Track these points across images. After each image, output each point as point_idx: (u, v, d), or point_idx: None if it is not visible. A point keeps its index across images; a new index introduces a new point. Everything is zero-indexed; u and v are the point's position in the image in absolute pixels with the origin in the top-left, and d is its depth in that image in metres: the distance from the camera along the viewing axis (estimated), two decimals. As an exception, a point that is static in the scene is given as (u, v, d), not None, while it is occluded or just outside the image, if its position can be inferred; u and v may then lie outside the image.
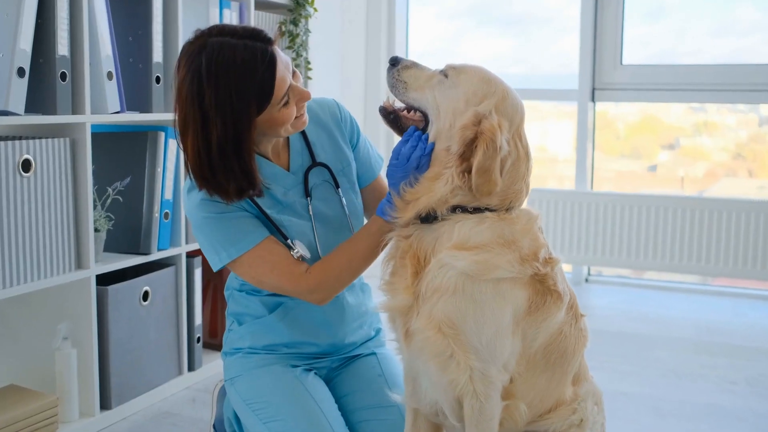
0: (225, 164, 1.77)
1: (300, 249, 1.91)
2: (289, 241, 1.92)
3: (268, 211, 1.94)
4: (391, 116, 1.83)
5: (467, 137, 1.66)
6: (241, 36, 1.77)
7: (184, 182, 1.94)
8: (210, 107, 1.74)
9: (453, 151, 1.68)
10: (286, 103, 1.83)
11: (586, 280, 5.01)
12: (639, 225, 4.64)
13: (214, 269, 1.92)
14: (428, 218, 1.71)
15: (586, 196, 4.74)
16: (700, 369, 3.48)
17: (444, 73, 1.76)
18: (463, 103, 1.71)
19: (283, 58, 1.82)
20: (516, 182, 1.71)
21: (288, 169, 2.00)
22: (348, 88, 4.84)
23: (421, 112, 1.78)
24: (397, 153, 1.76)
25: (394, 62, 1.82)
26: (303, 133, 2.04)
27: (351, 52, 4.90)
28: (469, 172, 1.66)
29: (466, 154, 1.66)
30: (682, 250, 4.57)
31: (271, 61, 1.77)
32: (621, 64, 4.72)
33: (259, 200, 1.93)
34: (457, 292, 1.64)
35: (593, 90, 4.75)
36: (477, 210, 1.70)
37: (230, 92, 1.73)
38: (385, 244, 1.85)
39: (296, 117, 1.88)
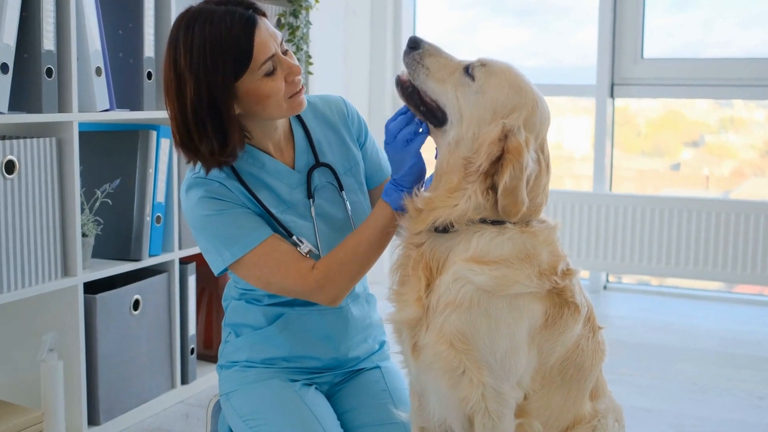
0: (199, 126, 1.82)
1: (308, 245, 1.91)
2: (294, 237, 1.92)
3: (271, 210, 1.94)
4: (408, 89, 1.77)
5: (494, 154, 1.64)
6: (226, 3, 1.84)
7: (183, 182, 1.94)
8: (184, 69, 1.80)
9: (476, 165, 1.66)
10: (271, 74, 1.84)
11: (605, 288, 5.01)
12: (660, 229, 4.63)
13: (217, 272, 1.92)
14: (444, 229, 1.71)
15: (605, 198, 4.73)
16: (726, 383, 3.47)
17: (470, 70, 1.71)
18: (490, 113, 1.68)
19: (270, 27, 1.85)
20: (537, 196, 1.71)
21: (293, 167, 2.01)
22: (351, 83, 4.85)
23: (438, 104, 1.74)
24: (386, 128, 1.80)
25: (415, 45, 1.75)
26: (307, 132, 2.05)
27: (355, 45, 4.90)
28: (492, 188, 1.66)
29: (490, 171, 1.65)
30: (707, 255, 4.56)
31: (249, 23, 1.80)
32: (642, 57, 4.71)
33: (262, 198, 1.94)
34: (472, 307, 1.64)
35: (612, 85, 4.75)
36: (496, 222, 1.69)
37: (204, 53, 1.78)
38: (391, 231, 1.85)
39: (291, 97, 1.88)
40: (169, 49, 1.84)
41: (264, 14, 1.87)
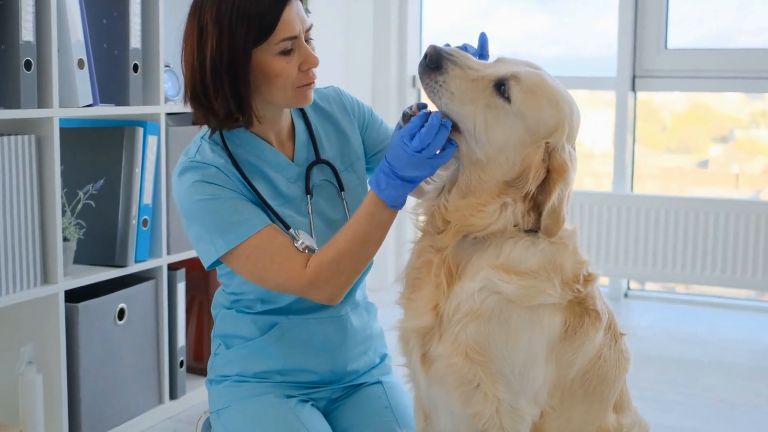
0: (216, 84, 1.89)
1: (305, 239, 1.92)
2: (291, 230, 1.94)
3: (269, 202, 1.96)
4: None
5: (541, 177, 1.67)
6: None
7: (175, 166, 1.97)
8: (208, 21, 1.88)
9: (522, 190, 1.68)
10: (286, 54, 1.90)
11: (626, 296, 5.00)
12: (686, 232, 4.63)
13: (208, 264, 1.93)
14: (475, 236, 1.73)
15: (626, 199, 4.73)
16: (756, 399, 3.47)
17: (503, 88, 1.67)
18: (529, 136, 1.68)
19: (301, 12, 1.94)
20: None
21: (293, 160, 2.04)
22: (353, 75, 4.85)
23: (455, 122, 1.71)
24: (411, 136, 1.70)
25: (437, 64, 1.67)
26: (309, 126, 2.08)
27: (357, 34, 4.91)
28: (534, 207, 1.69)
29: (534, 193, 1.68)
30: (736, 260, 4.55)
31: None
32: (665, 48, 4.71)
33: (260, 189, 1.96)
34: (492, 318, 1.66)
35: (633, 78, 4.75)
36: (528, 230, 1.71)
37: (231, 11, 1.87)
38: (389, 226, 1.85)
39: (300, 87, 1.93)
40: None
41: None
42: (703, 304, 4.86)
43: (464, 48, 1.81)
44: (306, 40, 1.94)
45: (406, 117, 1.75)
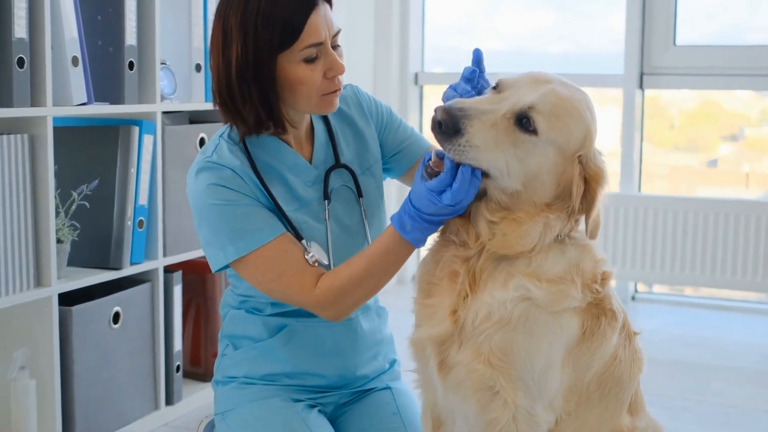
0: (243, 89, 1.90)
1: (316, 252, 1.93)
2: (304, 241, 1.95)
3: (284, 207, 1.97)
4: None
5: (582, 189, 1.70)
6: None
7: (192, 164, 1.97)
8: (233, 24, 1.88)
9: (567, 207, 1.70)
10: (311, 61, 1.90)
11: (633, 299, 5.01)
12: (695, 233, 4.63)
13: (215, 268, 1.94)
14: None
15: (633, 199, 4.73)
16: (766, 404, 3.47)
17: (525, 122, 1.65)
18: (561, 156, 1.69)
19: (328, 16, 1.93)
20: None
21: (310, 162, 2.05)
22: (354, 73, 4.84)
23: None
24: (440, 192, 1.70)
25: (455, 129, 1.64)
26: (330, 128, 2.09)
27: (357, 30, 4.91)
28: (571, 214, 1.71)
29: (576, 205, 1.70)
30: (746, 262, 4.55)
31: (309, 3, 1.88)
32: (674, 44, 4.71)
33: (276, 193, 1.97)
34: (519, 325, 1.67)
35: (641, 75, 4.75)
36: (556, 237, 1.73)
37: (256, 15, 1.86)
38: (405, 260, 1.86)
39: (324, 95, 1.94)
40: (221, 2, 1.93)
41: (329, 1, 1.94)
42: (713, 307, 4.86)
43: (472, 72, 1.82)
44: (333, 47, 1.94)
45: (432, 173, 1.72)
